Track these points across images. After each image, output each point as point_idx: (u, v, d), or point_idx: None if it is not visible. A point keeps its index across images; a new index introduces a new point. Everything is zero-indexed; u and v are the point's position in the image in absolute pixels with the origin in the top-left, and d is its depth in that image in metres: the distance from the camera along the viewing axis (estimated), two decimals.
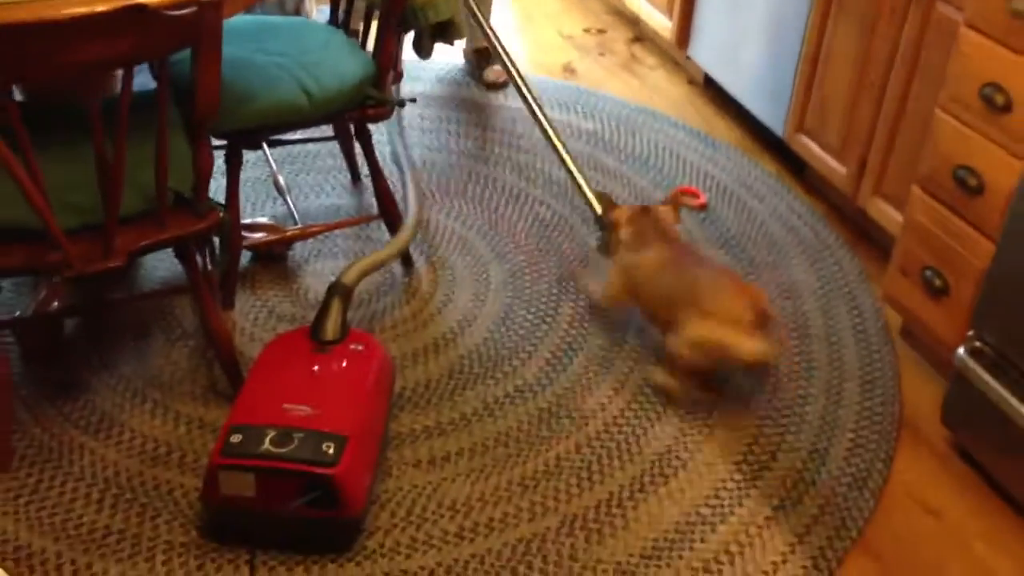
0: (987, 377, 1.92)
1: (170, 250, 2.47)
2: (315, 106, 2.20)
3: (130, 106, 1.67)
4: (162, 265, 2.48)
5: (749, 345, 2.03)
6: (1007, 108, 1.84)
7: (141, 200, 1.85)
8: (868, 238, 2.72)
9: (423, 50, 2.50)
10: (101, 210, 1.79)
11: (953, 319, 2.07)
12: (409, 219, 2.52)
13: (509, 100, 3.32)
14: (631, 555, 1.85)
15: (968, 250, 2.00)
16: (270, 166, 2.78)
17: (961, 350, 1.98)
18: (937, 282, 2.09)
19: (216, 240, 2.29)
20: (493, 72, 3.37)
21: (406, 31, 2.42)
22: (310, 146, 2.97)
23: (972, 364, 1.95)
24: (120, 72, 1.64)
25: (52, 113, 1.92)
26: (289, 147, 2.93)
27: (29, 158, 1.64)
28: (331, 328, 2.02)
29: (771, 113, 2.96)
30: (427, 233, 2.67)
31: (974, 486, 2.02)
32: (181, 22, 1.61)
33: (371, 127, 2.42)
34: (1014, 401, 1.86)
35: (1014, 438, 1.87)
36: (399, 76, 2.45)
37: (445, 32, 2.45)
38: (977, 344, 1.95)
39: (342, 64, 2.28)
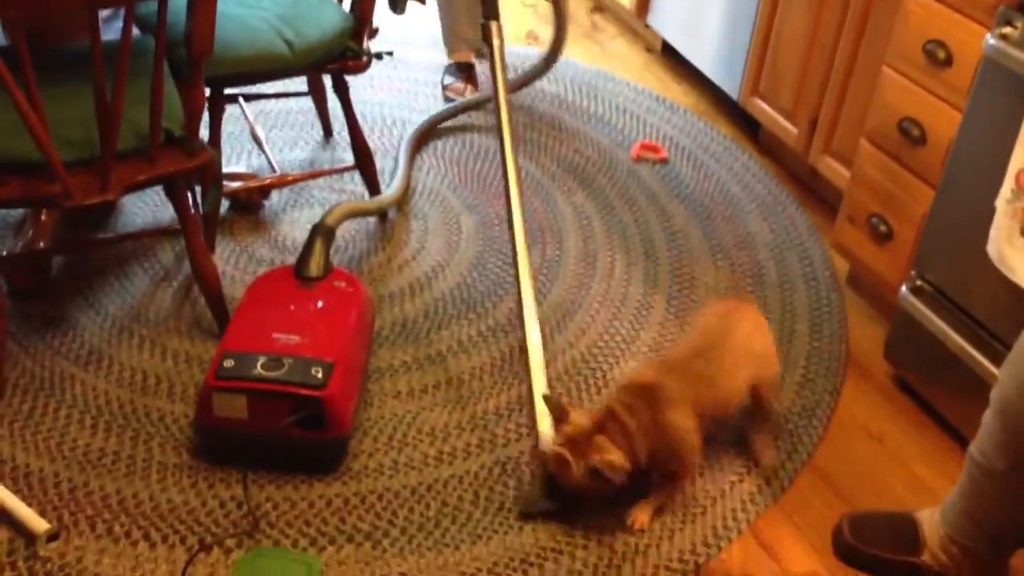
0: (928, 312, 2.08)
1: (150, 196, 2.56)
2: (296, 56, 2.28)
3: (119, 49, 1.75)
4: (142, 212, 2.55)
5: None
6: (948, 63, 2.00)
7: (133, 137, 1.92)
8: (817, 196, 2.88)
9: (397, 6, 2.59)
10: (94, 145, 1.86)
11: (897, 261, 2.23)
12: (398, 179, 2.64)
13: (479, 67, 3.43)
14: None
15: (911, 196, 2.16)
16: (246, 120, 2.85)
17: (904, 288, 2.14)
18: (882, 228, 2.25)
19: (199, 187, 2.37)
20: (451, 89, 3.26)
21: None
22: (283, 103, 3.04)
23: (914, 301, 2.11)
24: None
25: (39, 54, 1.98)
26: (263, 104, 3.00)
27: (32, 90, 1.71)
28: (315, 265, 2.12)
29: (727, 78, 3.10)
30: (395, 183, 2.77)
31: (913, 414, 2.19)
32: None
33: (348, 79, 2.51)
34: (952, 334, 2.03)
35: (952, 368, 2.03)
36: (374, 32, 2.54)
37: None
38: (919, 283, 2.11)
39: (322, 17, 2.36)
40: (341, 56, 2.38)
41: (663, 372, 1.84)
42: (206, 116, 2.29)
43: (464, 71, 3.26)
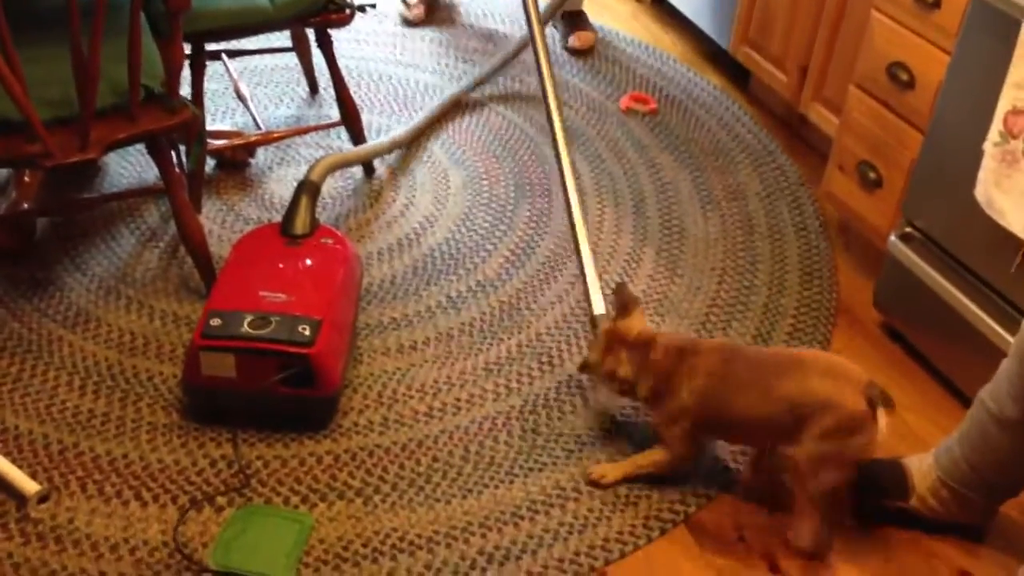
0: (917, 259, 2.08)
1: (135, 156, 2.54)
2: (277, 8, 2.25)
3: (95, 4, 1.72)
4: (127, 171, 2.53)
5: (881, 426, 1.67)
6: (937, 4, 1.98)
7: (112, 95, 1.90)
8: (808, 144, 2.86)
9: None
10: (73, 103, 1.84)
11: (886, 209, 2.22)
12: (395, 133, 2.62)
13: (471, 19, 3.38)
14: (590, 429, 1.99)
15: (899, 142, 2.14)
16: (230, 77, 2.81)
17: (893, 236, 2.13)
18: (871, 175, 2.23)
19: (183, 147, 2.35)
20: (579, 38, 3.22)
21: None
22: (268, 59, 3.00)
23: (903, 248, 2.10)
24: None
25: (14, 12, 1.95)
26: (247, 60, 2.97)
27: (8, 49, 1.68)
28: (300, 223, 2.10)
29: (717, 26, 3.07)
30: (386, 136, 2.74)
31: (902, 362, 2.19)
32: None
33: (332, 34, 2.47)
34: (941, 280, 2.02)
35: (940, 315, 2.03)
36: None
37: None
38: (907, 230, 2.11)
39: None
40: (323, 9, 2.35)
41: (715, 349, 1.80)
42: (188, 73, 2.27)
43: (576, 18, 3.24)
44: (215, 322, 1.85)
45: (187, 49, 2.20)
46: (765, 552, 1.78)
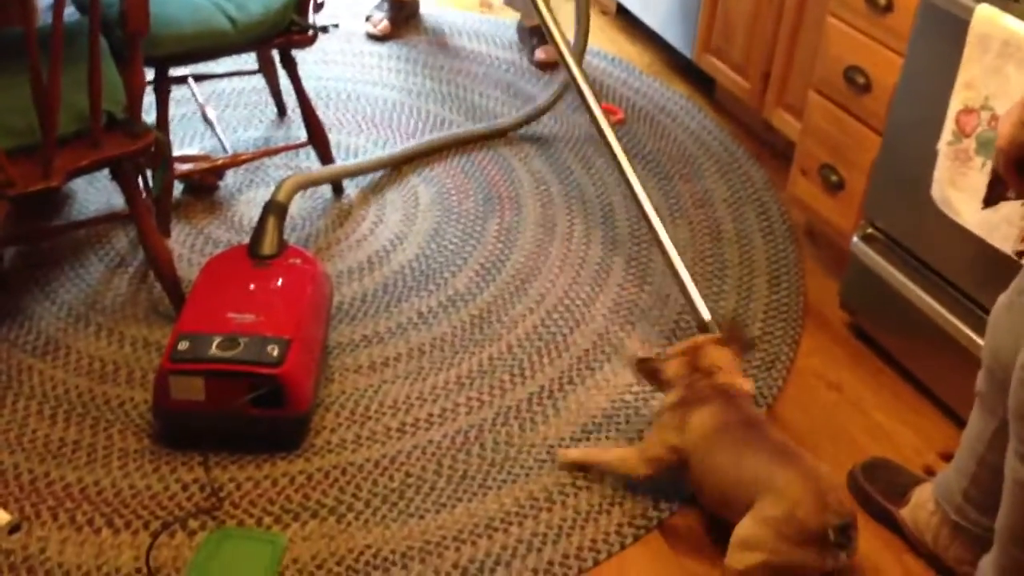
0: (880, 260, 2.10)
1: (103, 182, 2.54)
2: (239, 31, 2.26)
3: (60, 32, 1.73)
4: (94, 198, 2.53)
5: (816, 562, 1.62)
6: (889, 8, 2.01)
7: (74, 121, 1.90)
8: (772, 149, 2.89)
9: None
10: (35, 132, 1.84)
11: (848, 211, 2.24)
12: (369, 157, 2.63)
13: (436, 34, 3.40)
14: (562, 438, 1.99)
15: (859, 145, 2.17)
16: (197, 101, 2.82)
17: (856, 237, 2.15)
18: (833, 178, 2.26)
19: (149, 171, 2.35)
20: (544, 51, 3.23)
21: None
22: (235, 82, 3.01)
23: (866, 249, 2.13)
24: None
25: None
26: (215, 83, 2.97)
27: None
28: (268, 243, 2.11)
29: (680, 36, 3.09)
30: (356, 159, 2.75)
31: (869, 361, 2.21)
32: None
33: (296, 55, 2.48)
34: (904, 279, 2.05)
35: (905, 313, 2.05)
36: (319, 5, 2.51)
37: None
38: (869, 231, 2.13)
39: None
40: (286, 31, 2.36)
41: (742, 415, 1.78)
42: (153, 97, 2.28)
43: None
44: (183, 345, 1.85)
45: (151, 74, 2.21)
46: None
